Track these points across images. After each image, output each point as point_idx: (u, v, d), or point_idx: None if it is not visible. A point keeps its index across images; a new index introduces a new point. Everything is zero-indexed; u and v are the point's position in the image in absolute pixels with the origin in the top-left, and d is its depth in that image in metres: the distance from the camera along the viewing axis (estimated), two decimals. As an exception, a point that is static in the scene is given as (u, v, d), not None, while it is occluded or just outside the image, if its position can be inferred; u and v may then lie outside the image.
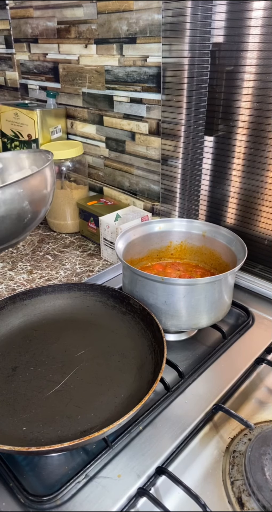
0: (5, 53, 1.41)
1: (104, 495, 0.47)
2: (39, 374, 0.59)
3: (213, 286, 0.65)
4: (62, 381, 0.58)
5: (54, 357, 0.62)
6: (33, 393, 0.56)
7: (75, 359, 0.62)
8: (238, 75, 0.76)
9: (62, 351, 0.64)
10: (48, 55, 1.22)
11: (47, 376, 0.59)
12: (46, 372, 0.60)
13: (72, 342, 0.66)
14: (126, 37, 0.96)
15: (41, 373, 0.60)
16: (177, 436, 0.53)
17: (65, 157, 1.07)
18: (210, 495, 0.47)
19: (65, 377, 0.59)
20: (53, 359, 0.62)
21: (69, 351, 0.64)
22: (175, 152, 0.94)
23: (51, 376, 0.59)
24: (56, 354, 0.63)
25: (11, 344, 0.65)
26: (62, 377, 0.59)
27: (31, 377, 0.59)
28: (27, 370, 0.60)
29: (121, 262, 0.70)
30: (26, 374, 0.59)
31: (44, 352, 0.64)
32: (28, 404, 0.55)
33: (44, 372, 0.60)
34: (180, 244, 0.84)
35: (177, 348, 0.71)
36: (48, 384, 0.58)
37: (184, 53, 0.84)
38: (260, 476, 0.46)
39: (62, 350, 0.64)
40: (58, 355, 0.63)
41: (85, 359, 0.62)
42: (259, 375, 0.64)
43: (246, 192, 0.83)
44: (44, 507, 0.45)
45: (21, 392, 0.57)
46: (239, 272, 0.86)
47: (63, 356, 0.63)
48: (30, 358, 0.62)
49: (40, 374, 0.59)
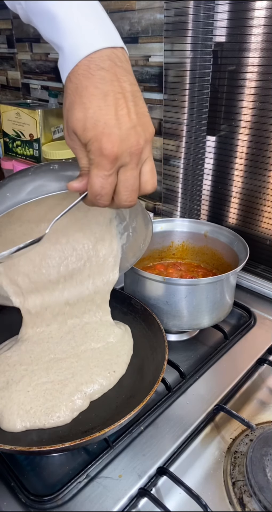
0: (7, 52, 1.41)
1: (105, 495, 0.47)
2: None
3: (214, 286, 0.65)
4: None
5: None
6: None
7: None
8: (240, 74, 0.76)
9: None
10: (50, 54, 1.22)
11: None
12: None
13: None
14: (128, 36, 0.96)
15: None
16: (179, 436, 0.53)
17: (66, 157, 1.07)
18: (211, 496, 0.47)
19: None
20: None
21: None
22: (177, 152, 0.94)
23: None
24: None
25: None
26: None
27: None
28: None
29: (122, 262, 0.70)
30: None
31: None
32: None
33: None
34: (181, 244, 0.84)
35: (179, 348, 0.71)
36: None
37: (186, 52, 0.83)
38: (261, 477, 0.46)
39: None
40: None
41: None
42: (260, 375, 0.64)
43: (248, 192, 0.83)
44: (45, 507, 0.45)
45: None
46: (241, 272, 0.86)
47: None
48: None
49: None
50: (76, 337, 0.62)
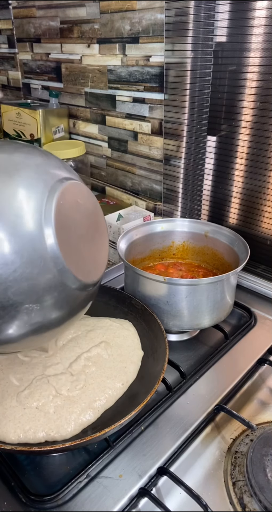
0: (7, 52, 1.42)
1: (106, 495, 0.47)
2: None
3: (215, 286, 0.65)
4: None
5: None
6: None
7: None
8: (241, 74, 0.76)
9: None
10: (51, 54, 1.22)
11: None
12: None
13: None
14: (129, 36, 0.96)
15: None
16: (179, 436, 0.53)
17: (67, 157, 1.07)
18: (212, 496, 0.47)
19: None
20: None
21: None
22: (178, 152, 0.94)
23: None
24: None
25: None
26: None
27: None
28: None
29: (123, 262, 0.70)
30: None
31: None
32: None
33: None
34: (182, 244, 0.84)
35: (179, 348, 0.71)
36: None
37: (187, 52, 0.83)
38: (262, 477, 0.46)
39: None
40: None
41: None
42: (261, 375, 0.64)
43: (248, 192, 0.83)
44: (45, 506, 0.45)
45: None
46: (241, 272, 0.86)
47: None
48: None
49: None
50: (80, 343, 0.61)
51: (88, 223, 0.47)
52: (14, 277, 0.38)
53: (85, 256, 0.45)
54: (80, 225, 0.45)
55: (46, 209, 0.39)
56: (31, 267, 0.39)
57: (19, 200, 0.39)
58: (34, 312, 0.40)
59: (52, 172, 0.43)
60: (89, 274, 0.45)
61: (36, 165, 0.42)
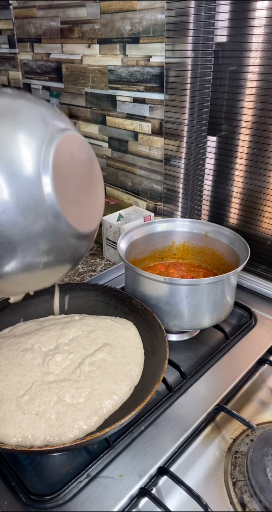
0: (8, 53, 1.42)
1: (106, 495, 0.47)
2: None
3: (215, 286, 0.65)
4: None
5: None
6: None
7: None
8: (241, 75, 0.76)
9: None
10: (51, 55, 1.22)
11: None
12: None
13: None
14: (129, 37, 0.96)
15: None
16: (179, 436, 0.53)
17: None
18: (212, 496, 0.47)
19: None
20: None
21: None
22: (178, 152, 0.94)
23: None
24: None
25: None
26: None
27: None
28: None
29: (123, 262, 0.70)
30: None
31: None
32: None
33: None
34: (182, 244, 0.84)
35: (179, 348, 0.71)
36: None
37: (187, 53, 0.83)
38: (262, 477, 0.46)
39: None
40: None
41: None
42: (261, 375, 0.64)
43: (249, 192, 0.83)
44: (45, 506, 0.46)
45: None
46: (241, 272, 0.86)
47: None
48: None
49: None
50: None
51: (84, 173, 0.47)
52: (9, 217, 0.39)
53: (82, 206, 0.46)
54: (76, 176, 0.45)
55: (45, 156, 0.40)
56: (27, 211, 0.39)
57: (19, 143, 0.39)
58: (27, 254, 0.41)
59: (52, 123, 0.43)
60: (86, 223, 0.46)
61: (39, 113, 0.43)
